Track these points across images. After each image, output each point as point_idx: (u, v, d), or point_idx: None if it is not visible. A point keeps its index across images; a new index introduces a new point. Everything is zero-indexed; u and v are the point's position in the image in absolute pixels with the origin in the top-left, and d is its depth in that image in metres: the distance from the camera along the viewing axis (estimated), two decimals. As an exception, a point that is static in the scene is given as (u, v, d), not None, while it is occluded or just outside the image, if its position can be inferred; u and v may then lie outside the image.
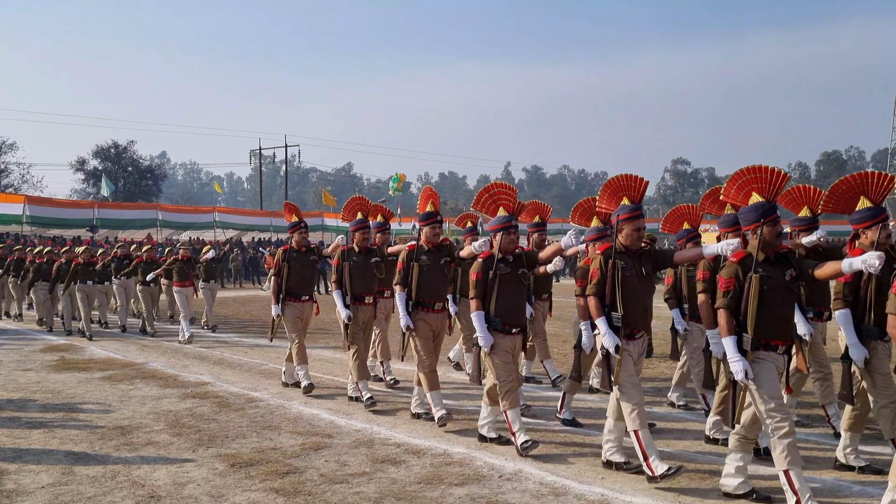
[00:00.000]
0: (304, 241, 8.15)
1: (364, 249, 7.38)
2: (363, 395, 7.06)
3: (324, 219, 47.66)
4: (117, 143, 63.35)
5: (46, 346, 11.92)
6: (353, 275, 7.24)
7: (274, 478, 4.97)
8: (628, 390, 4.85)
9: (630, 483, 4.79)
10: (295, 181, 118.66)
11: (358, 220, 7.47)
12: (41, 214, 31.82)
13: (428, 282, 6.46)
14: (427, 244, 6.56)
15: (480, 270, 5.62)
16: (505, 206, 5.84)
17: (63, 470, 5.24)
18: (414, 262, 6.46)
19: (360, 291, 7.28)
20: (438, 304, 6.53)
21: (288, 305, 7.99)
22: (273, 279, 8.08)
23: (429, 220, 6.55)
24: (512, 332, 5.60)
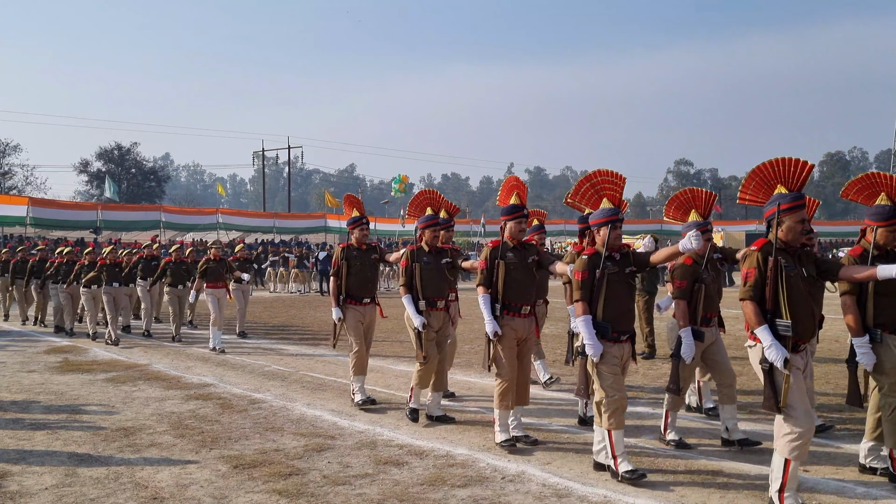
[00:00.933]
0: (364, 238, 7.49)
1: (434, 249, 6.76)
2: (410, 402, 6.70)
3: (326, 220, 47.74)
4: (120, 145, 63.68)
5: (50, 348, 11.94)
6: (425, 277, 6.59)
7: (277, 479, 4.98)
8: (798, 414, 4.17)
9: (633, 485, 4.78)
10: (298, 182, 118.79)
11: (428, 216, 6.80)
12: (44, 216, 31.87)
13: (515, 282, 5.73)
14: (511, 240, 5.84)
15: (585, 269, 4.99)
16: (610, 196, 5.22)
17: (66, 471, 5.25)
18: (499, 260, 5.73)
19: (432, 295, 6.61)
20: (526, 307, 5.77)
21: (349, 309, 7.33)
22: (332, 280, 7.40)
23: (514, 215, 5.81)
24: (621, 340, 5.01)
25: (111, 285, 12.46)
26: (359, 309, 7.37)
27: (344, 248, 7.42)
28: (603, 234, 5.05)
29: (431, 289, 6.62)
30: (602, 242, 5.05)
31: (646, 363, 9.55)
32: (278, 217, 47.03)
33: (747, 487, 4.70)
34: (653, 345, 10.08)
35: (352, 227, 7.51)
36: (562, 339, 12.01)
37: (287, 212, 57.99)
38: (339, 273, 7.34)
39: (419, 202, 7.04)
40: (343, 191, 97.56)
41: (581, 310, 4.96)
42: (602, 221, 5.07)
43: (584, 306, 4.96)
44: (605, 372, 4.93)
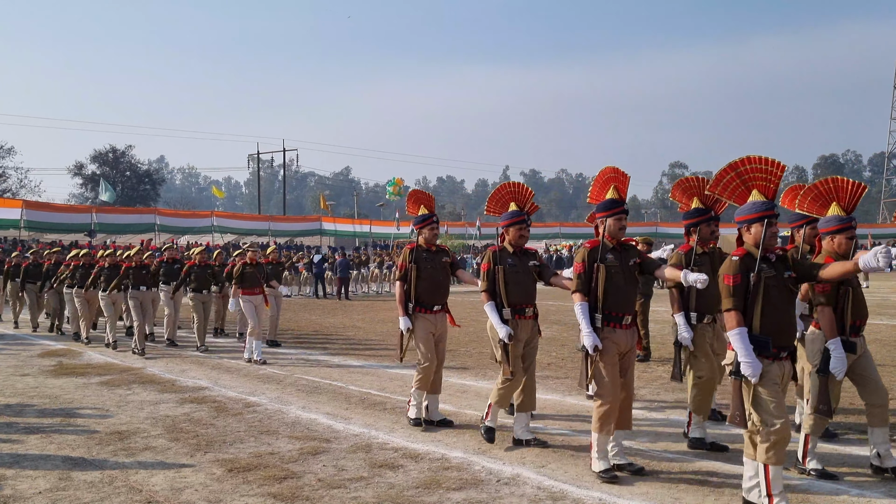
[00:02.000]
0: (435, 238, 6.74)
1: (520, 250, 6.00)
2: (486, 420, 5.99)
3: (322, 223, 47.76)
4: (115, 148, 63.55)
5: (44, 352, 11.91)
6: (510, 281, 5.82)
7: (272, 483, 4.97)
8: None
9: (628, 487, 4.79)
10: (293, 185, 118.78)
11: (512, 212, 6.00)
12: (39, 219, 31.84)
13: (617, 288, 5.06)
14: (610, 240, 5.16)
15: (738, 272, 4.27)
16: (761, 188, 4.47)
17: (60, 475, 5.23)
18: (599, 263, 5.09)
19: (519, 301, 5.85)
20: (628, 317, 5.12)
21: (418, 318, 6.51)
22: (398, 285, 6.61)
23: (613, 211, 5.18)
24: (781, 357, 4.28)
25: (138, 289, 11.71)
26: (429, 318, 6.54)
27: (412, 250, 6.62)
28: (756, 232, 4.33)
29: (518, 294, 5.84)
30: (755, 241, 4.33)
31: (640, 366, 9.56)
32: (273, 220, 47.08)
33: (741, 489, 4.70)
34: (647, 347, 10.08)
35: (420, 227, 6.72)
36: (559, 342, 12.02)
37: (282, 215, 58.01)
38: (407, 277, 6.53)
39: (501, 197, 6.18)
40: (338, 193, 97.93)
41: (735, 321, 4.21)
42: (754, 217, 4.36)
43: (739, 316, 4.21)
44: (764, 396, 4.19)
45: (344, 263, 25.20)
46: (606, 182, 5.37)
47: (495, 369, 9.61)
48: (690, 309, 5.71)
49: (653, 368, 9.44)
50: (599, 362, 4.99)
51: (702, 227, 5.83)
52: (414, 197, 6.84)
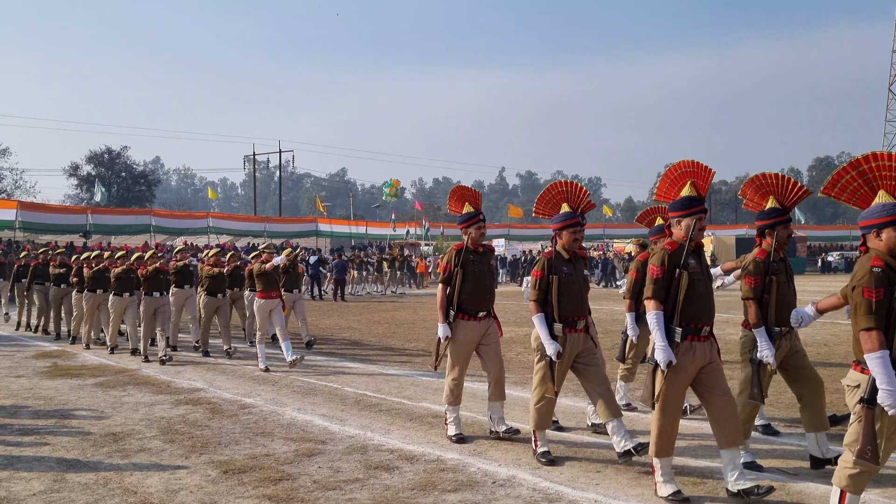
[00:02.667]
0: (482, 238, 6.21)
1: (573, 255, 5.53)
2: (538, 446, 5.45)
3: (318, 224, 47.75)
4: (111, 149, 63.35)
5: (38, 353, 11.87)
6: (565, 291, 5.36)
7: (267, 484, 4.96)
8: None
9: (623, 489, 4.80)
10: (289, 187, 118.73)
11: (565, 213, 5.51)
12: (34, 220, 31.74)
13: (699, 297, 4.59)
14: (688, 242, 4.65)
15: (880, 285, 3.67)
16: (889, 188, 3.97)
17: (55, 477, 5.22)
18: (680, 269, 4.58)
19: (572, 314, 5.38)
20: (707, 328, 4.66)
21: (460, 326, 6.04)
22: (440, 288, 6.11)
23: (692, 210, 4.66)
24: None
25: (151, 295, 11.04)
26: (472, 325, 6.06)
27: (458, 251, 6.12)
28: (889, 238, 3.80)
29: (571, 306, 5.38)
30: (889, 248, 3.80)
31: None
32: (269, 221, 47.03)
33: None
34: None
35: (466, 226, 6.18)
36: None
37: (278, 216, 57.95)
38: (451, 281, 6.05)
39: (552, 198, 5.70)
40: (334, 195, 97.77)
41: (877, 342, 3.62)
42: (887, 221, 3.81)
43: (881, 337, 3.64)
44: None
45: (340, 265, 25.18)
46: (682, 177, 4.83)
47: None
48: (771, 323, 5.15)
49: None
50: (670, 379, 4.51)
51: (779, 229, 5.31)
52: (458, 194, 6.36)
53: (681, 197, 4.75)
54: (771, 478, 4.92)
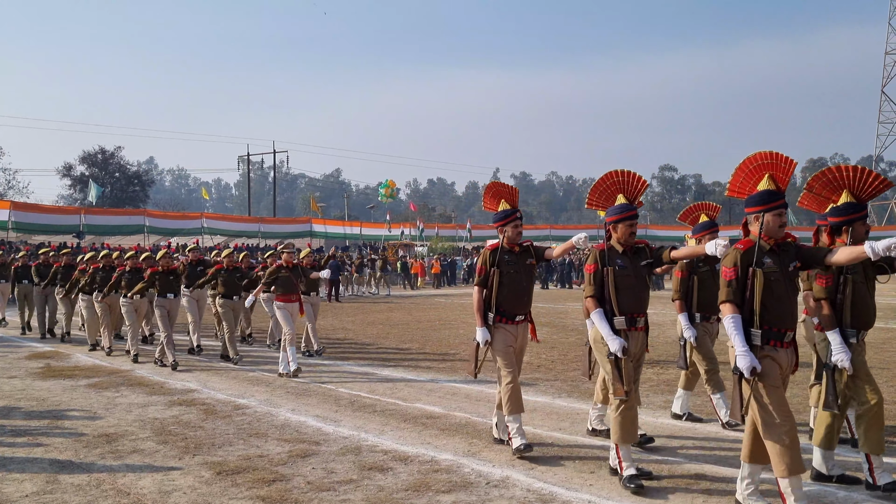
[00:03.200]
0: (519, 237, 5.87)
1: (630, 248, 5.19)
2: (623, 468, 4.87)
3: (312, 224, 47.74)
4: (104, 149, 63.21)
5: (31, 354, 11.83)
6: (622, 285, 5.04)
7: (260, 485, 4.95)
8: None
9: (617, 489, 4.80)
10: (283, 187, 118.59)
11: (621, 205, 5.19)
12: (27, 220, 31.68)
13: (778, 299, 4.24)
14: (768, 241, 4.34)
15: None
16: None
17: (47, 478, 5.20)
18: (754, 268, 4.27)
19: (632, 309, 5.05)
20: (790, 333, 4.32)
21: (499, 329, 5.73)
22: (476, 291, 5.80)
23: (772, 204, 4.32)
24: None
25: (165, 296, 10.61)
26: (510, 329, 5.75)
27: (493, 251, 5.80)
28: None
29: (630, 300, 5.04)
30: None
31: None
32: (263, 222, 47.04)
33: (731, 492, 4.72)
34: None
35: (502, 225, 5.85)
36: (545, 344, 12.02)
37: (272, 216, 57.90)
38: (487, 283, 5.75)
39: (606, 188, 5.31)
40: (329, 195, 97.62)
41: None
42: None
43: None
44: None
45: (334, 265, 25.14)
46: (758, 170, 4.46)
47: (492, 369, 9.63)
48: (846, 324, 4.78)
49: (643, 370, 9.44)
50: (760, 386, 4.15)
51: (856, 225, 4.94)
52: (493, 190, 5.98)
53: (758, 191, 4.39)
54: (765, 478, 4.94)
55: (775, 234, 4.31)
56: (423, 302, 24.39)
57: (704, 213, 6.65)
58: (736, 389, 4.21)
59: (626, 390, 4.83)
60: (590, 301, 5.07)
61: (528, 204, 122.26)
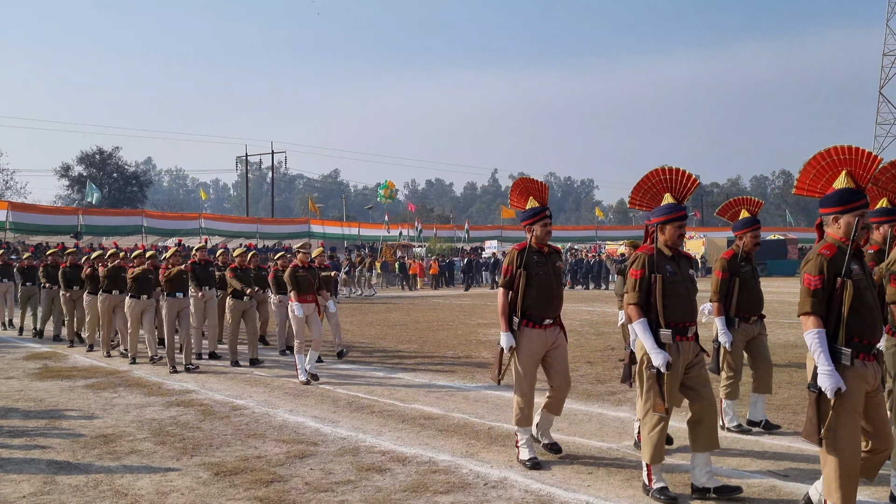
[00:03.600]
0: (548, 237, 5.56)
1: (677, 253, 4.86)
2: (653, 482, 4.63)
3: (310, 225, 47.73)
4: (102, 150, 63.08)
5: (29, 354, 11.82)
6: (671, 293, 4.64)
7: (258, 486, 4.95)
8: None
9: (615, 490, 4.81)
10: (281, 188, 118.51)
11: (669, 205, 4.79)
12: (24, 221, 31.67)
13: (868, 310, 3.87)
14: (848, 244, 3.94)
15: None
16: None
17: (45, 479, 5.19)
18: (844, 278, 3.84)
19: (681, 319, 4.66)
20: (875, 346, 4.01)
21: (525, 334, 5.42)
22: (501, 293, 5.52)
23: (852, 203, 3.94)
24: None
25: (174, 296, 10.19)
26: (538, 333, 5.44)
27: (521, 251, 5.48)
28: None
29: (679, 310, 4.65)
30: None
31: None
32: (261, 222, 47.04)
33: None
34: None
35: (530, 223, 5.54)
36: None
37: (270, 217, 57.87)
38: (513, 284, 5.45)
39: (651, 187, 4.94)
40: (327, 196, 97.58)
41: None
42: None
43: None
44: None
45: (333, 265, 25.15)
46: (830, 167, 4.06)
47: (485, 372, 9.66)
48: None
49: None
50: (838, 410, 3.75)
51: None
52: (521, 187, 5.66)
53: (836, 190, 3.98)
54: (762, 480, 4.94)
55: (857, 237, 3.95)
56: (421, 303, 24.39)
57: (745, 209, 6.30)
58: (812, 409, 3.81)
59: (666, 407, 4.53)
60: (633, 309, 4.69)
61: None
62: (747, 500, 4.55)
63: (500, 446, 5.89)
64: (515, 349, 5.42)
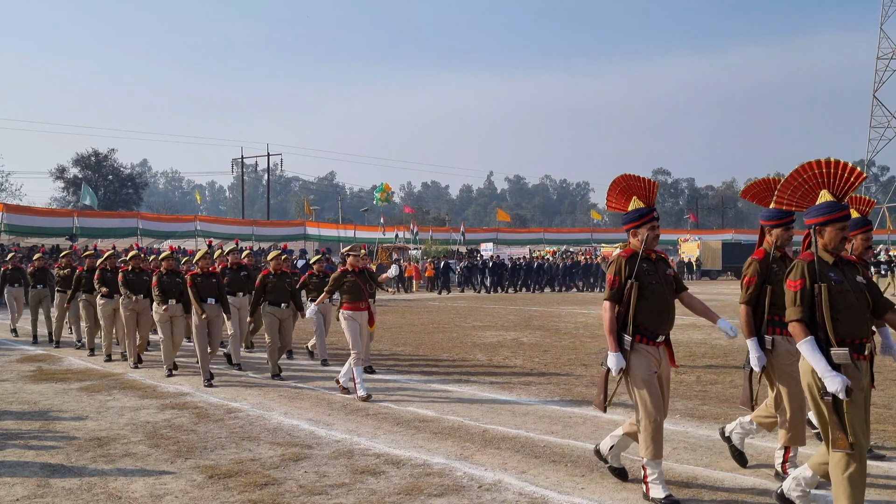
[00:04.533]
0: (656, 243, 4.92)
1: (839, 259, 4.18)
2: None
3: (306, 228, 47.73)
4: (97, 151, 63.03)
5: (23, 357, 11.79)
6: (839, 305, 3.95)
7: (252, 489, 4.95)
8: None
9: (609, 493, 4.82)
10: (277, 190, 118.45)
11: (829, 203, 4.11)
12: (19, 223, 31.58)
13: None
14: None
15: None
16: None
17: (38, 482, 5.18)
18: None
19: (855, 334, 3.96)
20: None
21: (638, 353, 4.72)
22: (608, 307, 4.78)
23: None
24: None
25: (205, 301, 9.42)
26: (651, 352, 4.75)
27: (631, 258, 4.80)
28: None
29: (853, 324, 3.96)
30: None
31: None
32: (257, 224, 47.01)
33: (722, 496, 4.74)
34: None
35: (635, 226, 4.87)
36: (538, 347, 12.03)
37: (266, 219, 57.84)
38: (621, 297, 4.74)
39: (803, 183, 4.23)
40: (323, 198, 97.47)
41: None
42: None
43: None
44: None
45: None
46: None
47: (485, 373, 9.68)
48: None
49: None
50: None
51: None
52: (622, 185, 4.96)
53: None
54: (755, 482, 4.96)
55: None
56: (417, 305, 24.39)
57: (855, 208, 5.37)
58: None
59: (851, 441, 3.78)
60: (797, 326, 3.98)
61: (521, 207, 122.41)
62: (742, 503, 4.57)
63: (494, 449, 5.90)
64: (626, 371, 4.72)
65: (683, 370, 9.52)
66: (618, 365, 4.68)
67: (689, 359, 10.54)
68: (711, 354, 10.96)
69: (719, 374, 9.21)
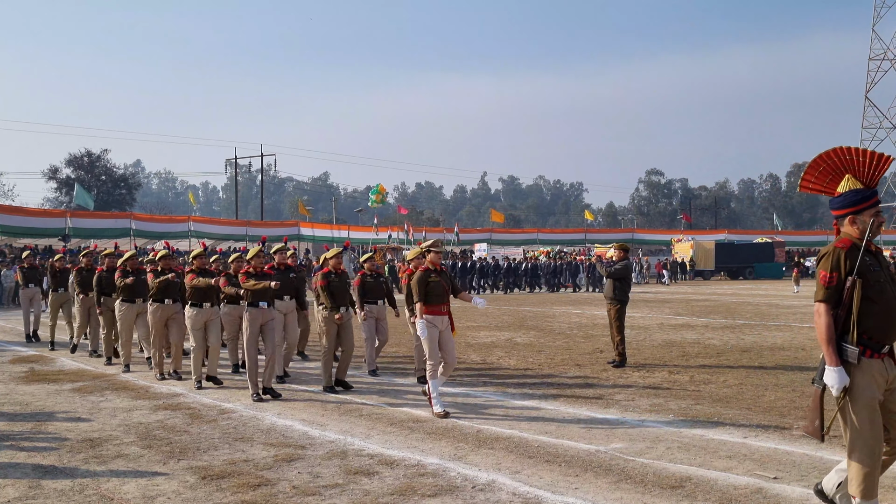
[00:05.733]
0: (878, 233, 4.11)
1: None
2: None
3: (300, 228, 47.67)
4: (91, 152, 62.83)
5: (15, 358, 11.74)
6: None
7: (246, 490, 4.93)
8: None
9: (603, 493, 4.81)
10: (271, 191, 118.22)
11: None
12: (11, 223, 31.46)
13: None
14: None
15: None
16: None
17: (30, 483, 5.16)
18: None
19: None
20: None
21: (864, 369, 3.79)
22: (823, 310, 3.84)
23: None
24: None
25: (256, 305, 8.23)
26: (878, 366, 3.82)
27: (851, 251, 3.84)
28: None
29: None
30: None
31: (616, 371, 9.61)
32: (251, 225, 46.95)
33: (715, 495, 4.75)
34: (623, 353, 10.13)
35: (854, 210, 3.92)
36: (532, 348, 12.02)
37: (260, 220, 57.73)
38: (840, 299, 3.82)
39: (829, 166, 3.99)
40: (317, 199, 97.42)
41: None
42: None
43: None
44: None
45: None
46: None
47: (479, 373, 9.67)
48: None
49: (628, 374, 9.48)
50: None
51: None
52: (825, 162, 4.04)
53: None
54: (749, 482, 4.97)
55: None
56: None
57: None
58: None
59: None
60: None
61: (515, 208, 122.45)
62: (736, 503, 4.57)
63: (488, 449, 5.89)
64: (849, 391, 3.79)
65: (677, 370, 9.54)
66: (841, 382, 3.75)
67: (683, 359, 10.56)
68: (705, 354, 10.98)
69: (713, 373, 9.23)
